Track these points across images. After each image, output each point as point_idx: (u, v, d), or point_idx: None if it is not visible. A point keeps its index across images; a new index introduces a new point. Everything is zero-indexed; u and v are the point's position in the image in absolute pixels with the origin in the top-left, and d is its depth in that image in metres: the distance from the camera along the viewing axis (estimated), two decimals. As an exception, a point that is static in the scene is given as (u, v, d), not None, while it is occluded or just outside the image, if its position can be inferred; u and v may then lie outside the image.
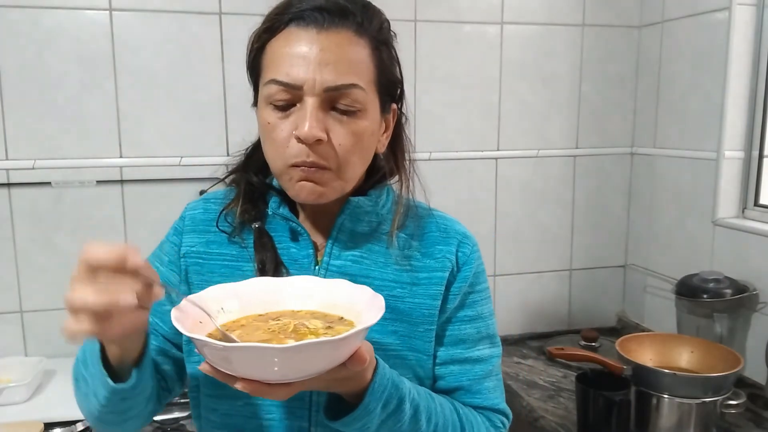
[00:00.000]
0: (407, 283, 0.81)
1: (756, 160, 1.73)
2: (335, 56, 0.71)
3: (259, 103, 0.78)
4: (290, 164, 0.74)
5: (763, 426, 1.43)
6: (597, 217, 2.12)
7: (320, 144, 0.72)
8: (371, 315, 0.63)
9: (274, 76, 0.73)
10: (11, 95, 1.61)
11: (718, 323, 1.60)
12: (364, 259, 0.82)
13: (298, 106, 0.73)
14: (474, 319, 0.86)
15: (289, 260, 0.81)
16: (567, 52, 2.00)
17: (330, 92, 0.72)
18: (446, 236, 0.86)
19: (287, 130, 0.73)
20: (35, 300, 1.69)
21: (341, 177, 0.76)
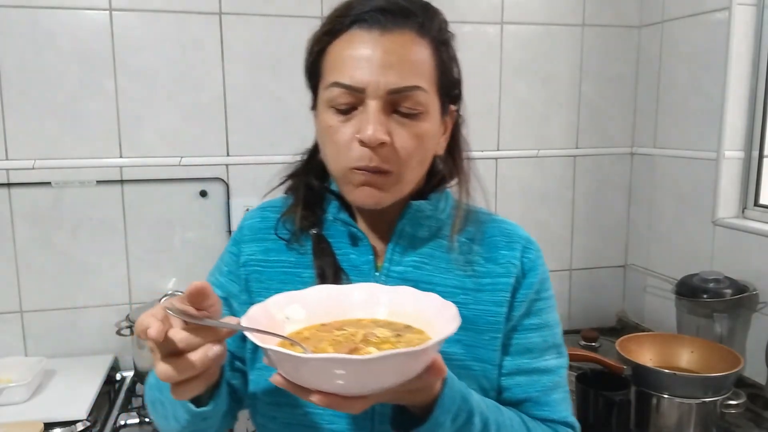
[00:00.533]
0: (471, 289, 0.79)
1: (756, 160, 1.73)
2: (398, 58, 0.71)
3: (320, 106, 0.77)
4: (351, 167, 0.73)
5: (763, 426, 1.43)
6: (597, 217, 2.12)
7: (383, 147, 0.72)
8: (446, 324, 0.60)
9: (336, 79, 0.72)
10: (11, 95, 1.61)
11: (718, 323, 1.60)
12: (425, 265, 0.80)
13: (360, 109, 0.72)
14: (540, 328, 0.83)
15: (348, 266, 0.80)
16: (567, 52, 2.00)
17: (393, 95, 0.71)
18: (510, 241, 0.83)
19: (349, 134, 0.73)
20: (35, 300, 1.69)
21: (401, 180, 0.75)
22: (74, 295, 1.71)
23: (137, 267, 1.74)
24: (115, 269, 1.73)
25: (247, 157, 1.78)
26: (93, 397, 1.48)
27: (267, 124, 1.78)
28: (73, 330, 1.72)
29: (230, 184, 1.78)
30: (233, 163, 1.77)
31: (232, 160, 1.77)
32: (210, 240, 1.79)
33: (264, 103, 1.77)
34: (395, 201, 0.77)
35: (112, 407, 1.55)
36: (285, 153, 1.79)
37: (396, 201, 0.78)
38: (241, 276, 0.82)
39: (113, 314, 1.70)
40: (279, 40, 1.76)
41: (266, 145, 1.79)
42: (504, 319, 0.80)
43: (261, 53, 1.76)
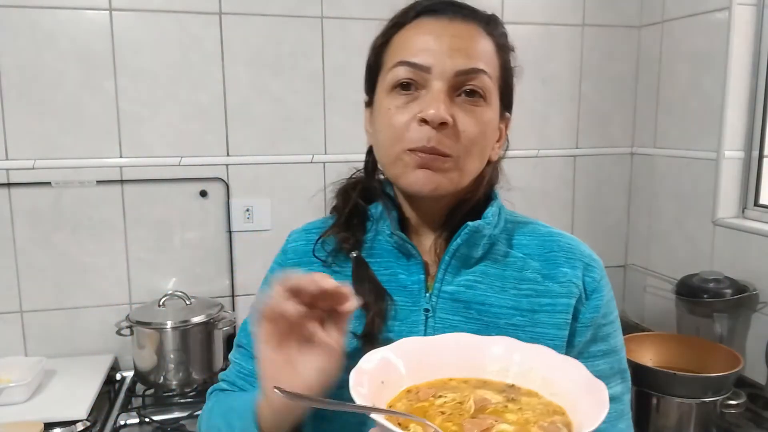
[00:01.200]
0: (527, 310, 0.73)
1: (756, 160, 1.73)
2: (466, 43, 0.70)
3: (379, 94, 0.74)
4: (407, 149, 0.69)
5: (763, 426, 1.43)
6: (597, 217, 2.12)
7: (444, 128, 0.68)
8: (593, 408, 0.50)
9: (402, 58, 0.70)
10: (11, 95, 1.61)
11: (718, 323, 1.60)
12: (478, 284, 0.75)
13: (424, 92, 0.69)
14: (607, 354, 0.77)
15: (396, 286, 0.75)
16: (567, 52, 2.00)
17: (459, 77, 0.69)
18: (571, 257, 0.77)
19: (410, 115, 0.69)
20: (35, 300, 1.69)
21: (460, 167, 0.71)
22: (74, 295, 1.71)
23: (137, 267, 1.74)
24: (115, 269, 1.73)
25: (247, 157, 1.78)
26: (93, 397, 1.48)
27: (267, 124, 1.78)
28: (73, 330, 1.72)
29: (230, 184, 1.78)
30: (233, 163, 1.77)
31: (232, 160, 1.77)
32: (210, 240, 1.79)
33: (264, 103, 1.77)
34: (452, 191, 0.72)
35: (112, 407, 1.55)
36: (285, 153, 1.82)
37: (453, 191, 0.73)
38: None
39: (113, 314, 1.70)
40: (279, 40, 1.76)
41: (266, 145, 1.79)
42: (564, 343, 0.74)
43: (261, 53, 1.76)
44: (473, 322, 0.73)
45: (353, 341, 0.72)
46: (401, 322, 0.73)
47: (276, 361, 0.63)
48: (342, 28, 1.78)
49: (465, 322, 0.73)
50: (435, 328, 0.73)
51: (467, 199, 0.77)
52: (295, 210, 1.81)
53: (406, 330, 0.73)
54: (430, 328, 0.73)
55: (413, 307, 0.74)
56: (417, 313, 0.73)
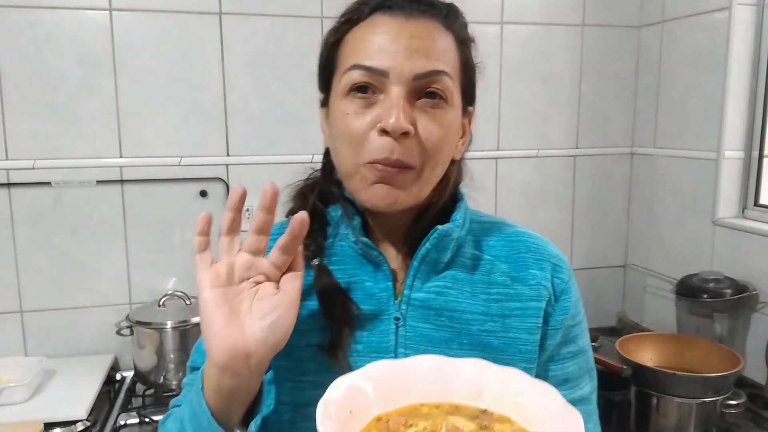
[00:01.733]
0: (498, 315, 0.71)
1: (756, 160, 1.73)
2: (425, 44, 0.65)
3: (334, 97, 0.69)
4: (367, 161, 0.65)
5: (763, 426, 1.43)
6: (597, 217, 2.12)
7: (406, 138, 0.64)
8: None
9: (357, 61, 0.65)
10: (11, 95, 1.61)
11: (718, 323, 1.60)
12: (448, 290, 0.71)
13: (382, 97, 0.65)
14: (576, 355, 0.76)
15: (363, 295, 0.71)
16: (567, 52, 2.00)
17: (419, 80, 0.65)
18: (539, 259, 0.74)
19: (368, 123, 0.65)
20: (35, 300, 1.69)
21: (421, 179, 0.67)
22: (74, 295, 1.71)
23: (137, 267, 1.74)
24: (115, 269, 1.73)
25: (247, 157, 1.78)
26: (93, 397, 1.48)
27: (267, 124, 1.78)
28: (73, 330, 1.72)
29: (230, 184, 1.78)
30: (233, 163, 1.77)
31: (232, 160, 1.77)
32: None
33: (264, 103, 1.77)
34: (412, 205, 0.69)
35: (112, 407, 1.55)
36: (285, 153, 1.82)
37: (412, 205, 0.69)
38: None
39: (113, 314, 1.70)
40: (279, 40, 1.76)
41: (266, 145, 1.79)
42: (536, 347, 0.71)
43: (261, 53, 1.76)
44: (445, 330, 0.70)
45: (319, 355, 0.68)
46: (369, 332, 0.69)
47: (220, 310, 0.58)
48: (342, 28, 1.78)
49: (436, 330, 0.69)
50: (406, 337, 0.69)
51: (434, 203, 0.73)
52: (295, 210, 1.80)
53: (376, 340, 0.69)
54: (401, 337, 0.69)
55: (382, 316, 0.70)
56: (387, 321, 0.69)
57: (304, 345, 0.68)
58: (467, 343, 0.69)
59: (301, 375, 0.69)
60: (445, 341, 0.69)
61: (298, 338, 0.67)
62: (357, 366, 0.64)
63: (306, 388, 0.68)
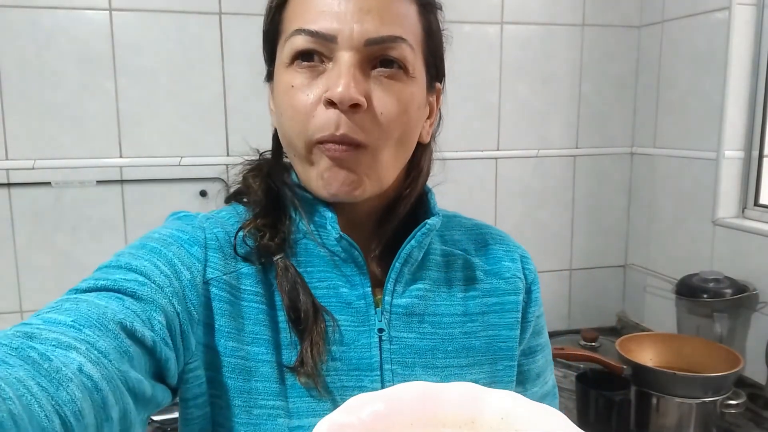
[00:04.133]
0: (477, 313, 0.66)
1: (756, 160, 1.73)
2: (379, 3, 0.56)
3: (278, 66, 0.61)
4: (315, 140, 0.57)
5: (763, 426, 1.43)
6: (597, 217, 2.12)
7: (357, 111, 0.55)
8: None
9: (301, 25, 0.57)
10: (11, 95, 1.61)
11: (718, 323, 1.60)
12: (428, 293, 0.65)
13: (330, 66, 0.57)
14: (544, 347, 0.74)
15: (338, 303, 0.61)
16: (567, 52, 2.00)
17: (371, 46, 0.56)
18: (508, 250, 0.70)
19: (314, 96, 0.56)
20: (35, 300, 1.69)
21: (379, 160, 0.58)
22: (74, 295, 1.71)
23: (137, 267, 1.74)
24: (115, 269, 1.73)
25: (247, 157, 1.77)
26: (93, 397, 1.48)
27: (267, 124, 1.77)
28: (73, 330, 1.71)
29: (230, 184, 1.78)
30: (233, 163, 1.77)
31: (232, 160, 1.77)
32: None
33: (264, 103, 1.76)
34: (375, 193, 0.60)
35: (112, 407, 1.54)
36: (285, 153, 1.81)
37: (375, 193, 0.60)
38: (200, 293, 0.58)
39: (113, 314, 1.70)
40: (279, 40, 1.76)
41: (266, 145, 1.78)
42: (517, 343, 0.68)
43: (261, 53, 1.75)
44: (428, 338, 0.63)
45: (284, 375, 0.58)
46: (348, 346, 0.60)
47: None
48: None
49: (421, 339, 0.63)
50: (392, 351, 0.61)
51: (405, 195, 0.65)
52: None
53: (356, 356, 0.60)
54: (386, 351, 0.61)
55: (362, 328, 0.61)
56: (368, 334, 0.61)
57: (265, 361, 0.58)
58: (452, 350, 0.64)
59: (267, 400, 0.58)
60: (430, 350, 0.63)
61: (269, 352, 0.59)
62: (337, 386, 0.58)
63: (280, 416, 0.58)
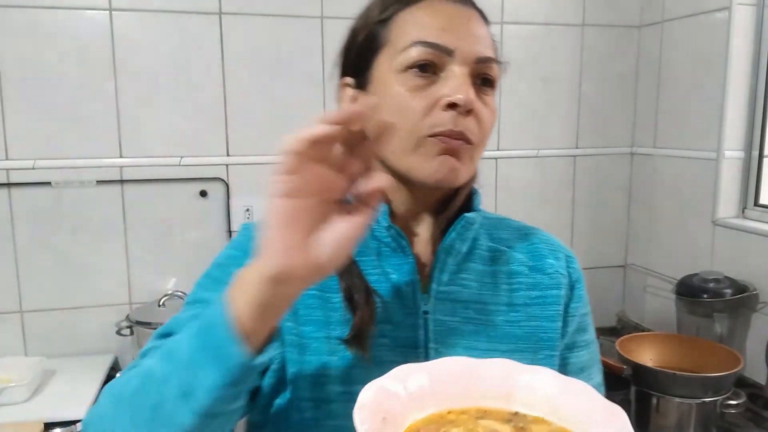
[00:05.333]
0: (520, 304, 0.72)
1: (756, 160, 1.73)
2: (481, 30, 0.68)
3: (384, 74, 0.67)
4: (430, 134, 0.64)
5: (763, 426, 1.43)
6: (597, 217, 2.12)
7: (468, 116, 0.64)
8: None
9: (421, 38, 0.64)
10: (11, 95, 1.61)
11: (718, 323, 1.60)
12: (471, 282, 0.71)
13: (442, 76, 0.65)
14: (589, 344, 0.78)
15: (388, 288, 0.69)
16: (567, 52, 2.00)
17: (479, 64, 0.66)
18: (553, 249, 0.77)
19: (430, 98, 0.64)
20: (35, 300, 1.69)
21: (474, 157, 0.68)
22: (74, 295, 1.71)
23: (137, 267, 1.74)
24: (115, 269, 1.73)
25: (247, 157, 1.78)
26: (93, 397, 1.48)
27: (267, 124, 1.78)
28: (73, 330, 1.72)
29: (230, 184, 1.78)
30: (233, 163, 1.77)
31: (232, 160, 1.77)
32: (210, 240, 1.78)
33: (264, 103, 1.77)
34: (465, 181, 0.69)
35: (112, 407, 1.55)
36: (285, 153, 1.81)
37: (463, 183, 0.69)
38: None
39: (113, 314, 1.70)
40: (279, 40, 1.76)
41: (266, 145, 1.79)
42: (559, 335, 0.73)
43: (261, 53, 1.76)
44: (472, 323, 0.70)
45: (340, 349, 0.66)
46: (395, 326, 0.68)
47: (294, 220, 0.50)
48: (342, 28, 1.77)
49: (464, 323, 0.70)
50: (435, 332, 0.68)
51: (461, 190, 0.72)
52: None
53: (404, 335, 0.68)
54: (430, 332, 0.68)
55: (409, 310, 0.69)
56: (415, 316, 0.68)
57: (324, 337, 0.67)
58: (494, 336, 0.70)
59: (324, 369, 0.66)
60: (472, 334, 0.69)
61: (319, 330, 0.67)
62: (383, 360, 0.64)
63: (328, 383, 0.66)
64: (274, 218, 0.50)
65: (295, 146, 0.51)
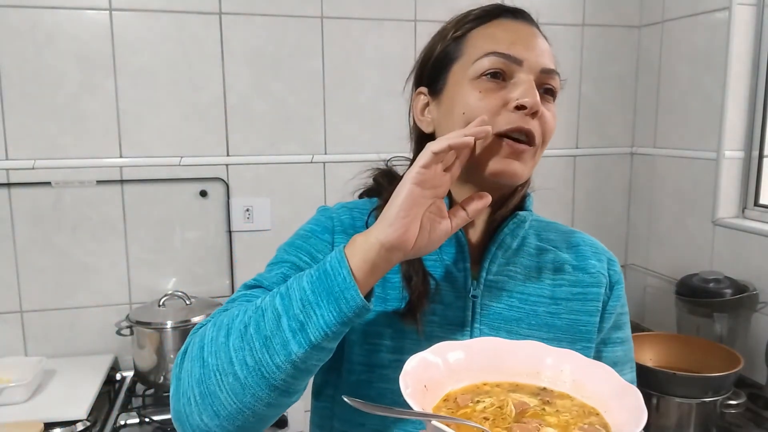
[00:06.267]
0: (562, 298, 0.79)
1: (756, 160, 1.73)
2: (545, 46, 0.76)
3: (460, 81, 0.75)
4: (498, 132, 0.70)
5: (763, 426, 1.43)
6: (597, 217, 2.12)
7: (534, 118, 0.72)
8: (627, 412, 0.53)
9: (494, 50, 0.72)
10: (11, 95, 1.61)
11: (718, 323, 1.60)
12: (518, 275, 0.79)
13: (511, 83, 0.72)
14: (624, 341, 0.85)
15: (443, 273, 0.77)
16: (567, 52, 2.00)
17: (543, 74, 0.73)
18: (596, 252, 0.84)
19: (499, 100, 0.71)
20: (35, 300, 1.69)
21: (534, 158, 0.75)
22: (74, 295, 1.71)
23: (137, 267, 1.74)
24: (115, 269, 1.73)
25: (247, 157, 1.78)
26: (93, 397, 1.48)
27: (267, 124, 1.78)
28: (73, 330, 1.72)
29: (230, 184, 1.78)
30: (233, 163, 1.77)
31: (232, 160, 1.77)
32: (210, 240, 1.79)
33: (264, 103, 1.77)
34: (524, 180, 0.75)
35: (112, 407, 1.55)
36: (285, 153, 1.82)
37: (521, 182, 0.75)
38: None
39: (113, 314, 1.71)
40: (279, 40, 1.76)
41: (266, 145, 1.79)
42: (596, 329, 0.80)
43: (261, 53, 1.76)
44: (516, 310, 0.77)
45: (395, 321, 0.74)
46: (446, 306, 0.75)
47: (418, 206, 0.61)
48: (342, 28, 1.78)
49: (508, 310, 0.77)
50: (481, 314, 0.76)
51: (517, 190, 0.80)
52: (295, 210, 1.80)
53: (452, 314, 0.75)
54: (476, 314, 0.76)
55: (459, 293, 0.76)
56: (464, 299, 0.76)
57: (382, 311, 0.74)
58: (535, 324, 0.77)
59: (378, 338, 0.74)
60: (515, 320, 0.76)
61: (378, 304, 0.75)
62: (433, 335, 0.73)
63: (381, 351, 0.74)
64: (402, 199, 0.61)
65: (437, 148, 0.60)
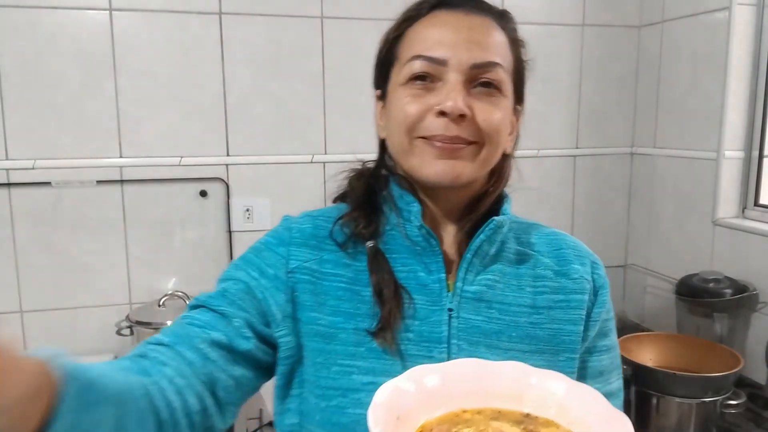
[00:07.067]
0: (543, 307, 0.74)
1: (756, 160, 1.73)
2: (483, 37, 0.71)
3: (393, 87, 0.73)
4: (419, 136, 0.69)
5: (763, 426, 1.43)
6: (597, 217, 2.12)
7: (462, 120, 0.68)
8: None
9: (418, 52, 0.70)
10: (11, 95, 1.61)
11: (718, 323, 1.60)
12: (497, 283, 0.74)
13: (440, 85, 0.69)
14: (610, 349, 0.80)
15: (416, 285, 0.72)
16: (567, 52, 2.00)
17: (475, 69, 0.69)
18: (579, 255, 0.79)
19: (424, 105, 0.69)
20: (35, 300, 1.69)
21: (481, 154, 0.70)
22: (74, 295, 1.71)
23: (137, 267, 1.74)
24: (115, 269, 1.73)
25: (247, 157, 1.78)
26: (93, 397, 1.48)
27: (267, 124, 1.78)
28: (73, 330, 1.72)
29: (230, 184, 1.78)
30: (233, 163, 1.77)
31: (232, 160, 1.77)
32: (210, 240, 1.79)
33: (264, 103, 1.77)
34: (471, 180, 0.72)
35: (112, 407, 1.55)
36: (285, 153, 1.82)
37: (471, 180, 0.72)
38: (287, 283, 0.72)
39: (113, 314, 1.70)
40: (279, 40, 1.76)
41: (266, 145, 1.79)
42: (580, 338, 0.75)
43: (261, 53, 1.76)
44: (495, 322, 0.72)
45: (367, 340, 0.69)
46: (421, 321, 0.71)
47: None
48: (342, 28, 1.78)
49: (487, 322, 0.72)
50: (459, 328, 0.71)
51: (488, 193, 0.76)
52: (295, 210, 1.79)
53: (427, 330, 0.70)
54: (453, 329, 0.71)
55: (434, 307, 0.71)
56: (439, 312, 0.71)
57: (352, 328, 0.70)
58: (516, 336, 0.72)
59: (350, 359, 0.69)
60: (495, 333, 0.72)
61: (347, 321, 0.70)
62: (407, 353, 0.69)
63: (353, 373, 0.69)
64: None
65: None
